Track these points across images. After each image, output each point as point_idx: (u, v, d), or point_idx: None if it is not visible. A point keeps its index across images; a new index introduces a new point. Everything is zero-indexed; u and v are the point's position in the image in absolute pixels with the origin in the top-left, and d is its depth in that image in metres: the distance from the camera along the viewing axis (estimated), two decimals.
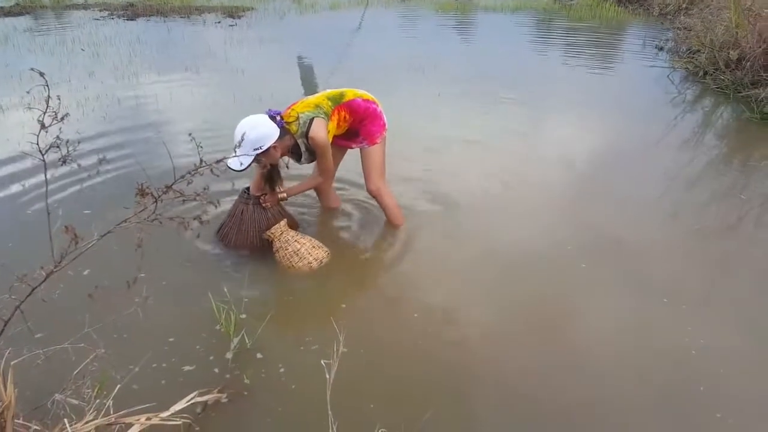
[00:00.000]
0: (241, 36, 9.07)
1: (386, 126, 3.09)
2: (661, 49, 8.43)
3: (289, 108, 2.86)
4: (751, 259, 3.13)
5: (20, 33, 9.05)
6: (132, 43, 8.39)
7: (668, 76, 6.90)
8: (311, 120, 2.78)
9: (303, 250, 2.87)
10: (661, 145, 4.80)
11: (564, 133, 5.00)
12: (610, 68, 7.61)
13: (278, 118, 2.75)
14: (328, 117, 2.84)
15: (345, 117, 2.93)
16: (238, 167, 2.61)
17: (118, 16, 10.79)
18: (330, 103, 2.87)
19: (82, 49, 7.90)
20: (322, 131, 2.78)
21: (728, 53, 6.34)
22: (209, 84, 6.39)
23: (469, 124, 5.09)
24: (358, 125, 3.01)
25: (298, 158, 2.98)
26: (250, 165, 2.65)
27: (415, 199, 3.62)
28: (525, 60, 8.08)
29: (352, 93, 2.97)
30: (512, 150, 4.56)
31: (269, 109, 2.77)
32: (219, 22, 10.27)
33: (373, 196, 3.20)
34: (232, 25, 10.02)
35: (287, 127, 2.79)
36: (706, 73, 6.64)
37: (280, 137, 2.72)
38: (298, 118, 2.79)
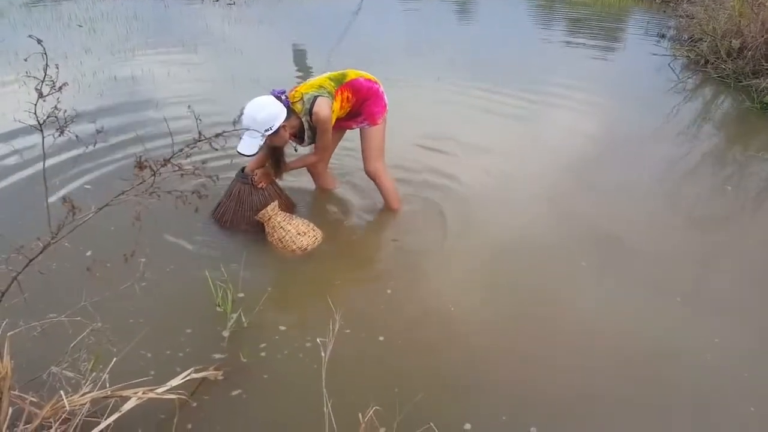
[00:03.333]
0: (239, 15, 8.96)
1: (387, 107, 3.06)
2: (663, 36, 8.39)
3: (292, 90, 2.85)
4: (753, 252, 3.12)
5: (16, 8, 8.91)
6: (129, 19, 8.28)
7: (669, 64, 6.87)
8: (315, 98, 2.76)
9: (287, 237, 2.86)
10: (661, 134, 4.78)
11: (564, 120, 4.98)
12: (611, 55, 7.56)
13: (284, 97, 2.73)
14: (332, 96, 2.81)
15: (348, 97, 2.90)
16: (249, 151, 2.62)
17: None
18: (333, 84, 2.85)
19: (80, 25, 7.80)
20: (325, 108, 2.75)
21: (730, 42, 6.31)
22: (207, 63, 6.32)
23: (467, 110, 5.05)
24: (360, 105, 2.98)
25: (300, 140, 2.96)
26: (261, 148, 2.67)
27: (412, 185, 3.60)
28: (525, 46, 8.02)
29: (354, 73, 2.95)
30: (511, 137, 4.54)
31: (274, 89, 2.75)
32: (217, 1, 10.13)
33: (371, 177, 3.18)
34: (230, 4, 9.89)
35: (293, 107, 2.78)
36: (707, 62, 6.62)
37: (287, 117, 2.72)
38: (302, 98, 2.78)
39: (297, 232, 2.87)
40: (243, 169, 3.04)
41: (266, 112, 2.62)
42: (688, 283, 2.81)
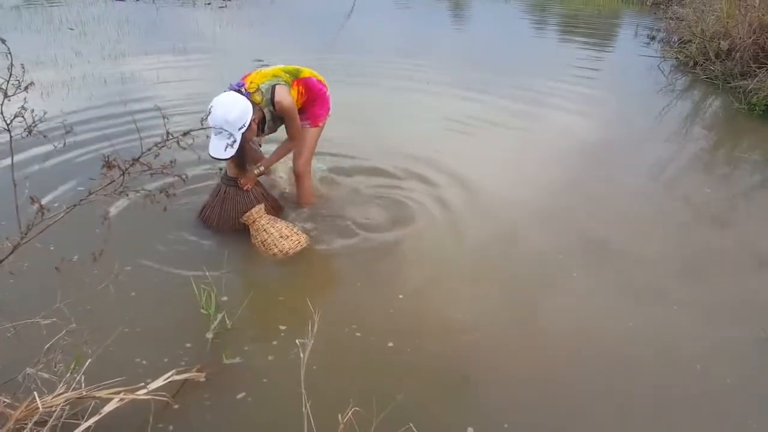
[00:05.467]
0: (230, 17, 8.99)
1: (330, 111, 3.11)
2: (653, 38, 8.44)
3: (244, 79, 2.80)
4: (742, 256, 3.09)
5: (6, 11, 8.91)
6: (120, 23, 8.29)
7: (658, 66, 6.91)
8: (273, 87, 2.75)
9: (270, 240, 2.86)
10: (650, 137, 4.78)
11: (553, 124, 4.98)
12: (601, 58, 7.59)
13: (244, 90, 2.69)
14: (288, 85, 2.82)
15: (302, 92, 2.92)
16: (226, 155, 2.59)
17: None
18: (288, 76, 2.85)
19: (71, 29, 7.80)
20: (286, 95, 2.76)
21: (719, 43, 6.35)
22: (197, 65, 6.33)
23: (457, 114, 5.03)
24: (308, 105, 3.00)
25: (259, 132, 2.91)
26: (238, 149, 2.60)
27: (399, 189, 3.58)
28: (515, 48, 8.06)
29: (308, 71, 2.97)
30: (499, 142, 4.52)
31: (231, 84, 2.71)
32: (209, 3, 10.15)
33: (297, 175, 3.16)
34: (222, 7, 9.92)
35: (252, 98, 2.72)
36: (696, 64, 6.65)
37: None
38: (259, 89, 2.74)
39: (279, 236, 2.86)
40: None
41: (237, 110, 2.57)
42: (681, 289, 2.77)
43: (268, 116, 2.83)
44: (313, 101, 3.00)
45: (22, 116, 1.25)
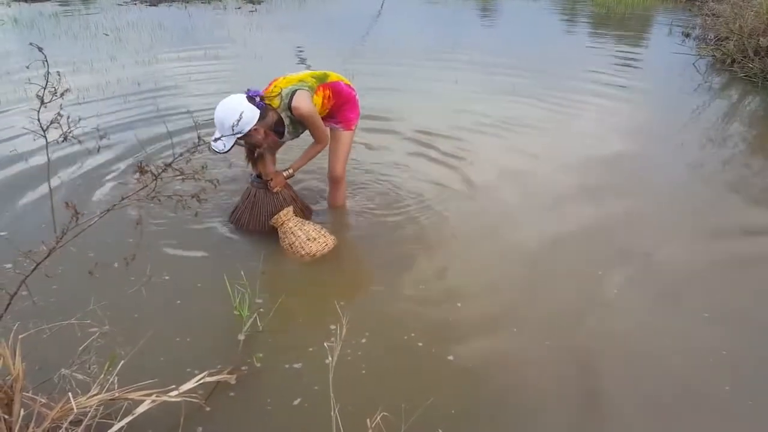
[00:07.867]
0: (260, 21, 9.09)
1: (359, 116, 3.12)
2: (688, 36, 8.24)
3: (272, 83, 2.83)
4: None
5: (45, 18, 9.20)
6: (154, 28, 8.46)
7: (694, 63, 6.73)
8: (293, 92, 2.75)
9: (297, 243, 2.87)
10: (686, 137, 4.65)
11: (587, 124, 4.88)
12: (635, 56, 7.43)
13: (258, 99, 2.70)
14: (312, 91, 2.82)
15: (329, 96, 2.91)
16: (221, 149, 2.62)
17: (141, 2, 10.90)
18: (315, 80, 2.86)
19: (106, 34, 8.00)
20: (304, 101, 2.74)
21: (758, 40, 6.16)
22: (228, 68, 6.42)
23: (485, 114, 4.98)
24: (337, 109, 3.01)
25: (280, 135, 2.92)
26: (233, 146, 2.64)
27: (427, 190, 3.55)
28: (546, 47, 7.94)
29: (335, 76, 2.98)
30: (530, 142, 4.44)
31: (249, 90, 2.73)
32: (239, 8, 10.30)
33: (335, 180, 3.19)
34: (252, 11, 10.05)
35: (270, 102, 2.74)
36: (733, 61, 6.47)
37: (261, 117, 2.68)
38: (280, 93, 2.76)
39: (307, 238, 2.87)
40: (259, 175, 3.05)
41: (235, 118, 2.55)
42: (727, 306, 2.61)
43: (287, 121, 2.83)
44: (342, 105, 3.00)
45: (58, 122, 1.28)
